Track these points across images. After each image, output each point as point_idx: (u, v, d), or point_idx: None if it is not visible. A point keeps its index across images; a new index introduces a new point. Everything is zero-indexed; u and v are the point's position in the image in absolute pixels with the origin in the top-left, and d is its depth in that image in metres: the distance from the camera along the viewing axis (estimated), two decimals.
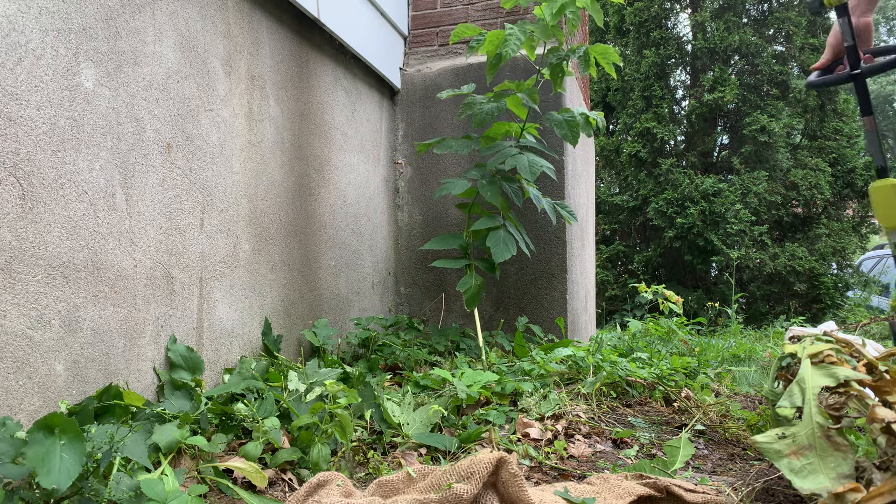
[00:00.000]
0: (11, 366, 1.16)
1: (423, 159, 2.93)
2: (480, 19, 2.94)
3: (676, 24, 8.70)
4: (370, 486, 1.16)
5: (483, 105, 2.26)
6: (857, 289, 7.83)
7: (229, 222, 1.78)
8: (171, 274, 1.56)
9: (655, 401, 2.06)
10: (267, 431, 1.38)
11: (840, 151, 7.81)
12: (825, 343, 1.43)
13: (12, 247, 1.17)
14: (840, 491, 1.07)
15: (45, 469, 0.93)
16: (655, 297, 4.15)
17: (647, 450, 1.63)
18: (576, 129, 2.24)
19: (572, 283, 2.87)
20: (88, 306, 1.32)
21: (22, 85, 1.19)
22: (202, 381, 1.55)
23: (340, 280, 2.41)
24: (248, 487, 1.28)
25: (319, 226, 2.26)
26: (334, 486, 1.15)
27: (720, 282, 7.63)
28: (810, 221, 7.82)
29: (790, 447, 1.19)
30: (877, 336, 4.03)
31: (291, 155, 2.10)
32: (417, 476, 1.17)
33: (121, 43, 1.43)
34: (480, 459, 1.13)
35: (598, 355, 2.19)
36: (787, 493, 1.33)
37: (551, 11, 2.08)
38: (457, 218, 2.88)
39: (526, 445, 1.54)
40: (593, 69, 2.25)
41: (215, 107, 1.74)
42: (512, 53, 2.09)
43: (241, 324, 1.82)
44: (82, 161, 1.32)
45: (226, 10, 1.79)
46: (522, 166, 2.17)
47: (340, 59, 2.47)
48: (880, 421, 1.10)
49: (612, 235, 8.66)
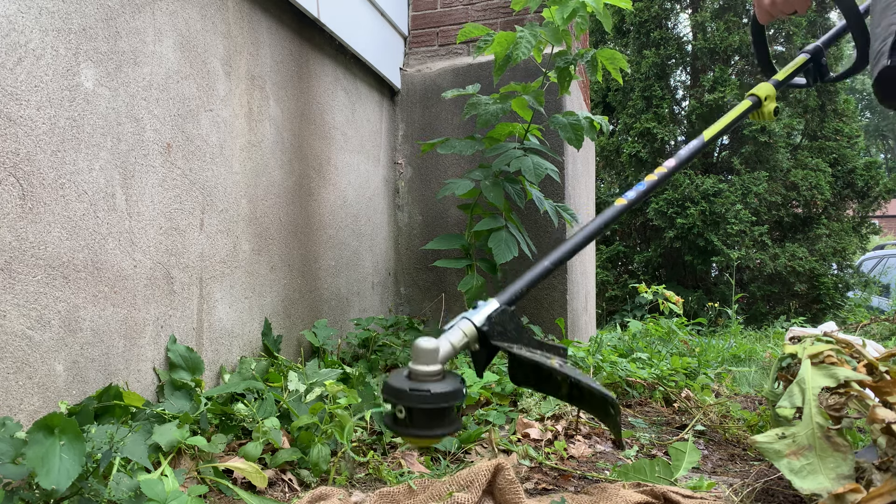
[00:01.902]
0: (11, 366, 1.16)
1: (424, 160, 2.93)
2: (481, 19, 2.94)
3: (676, 24, 8.69)
4: (371, 497, 1.17)
5: (488, 106, 2.26)
6: (857, 289, 7.83)
7: (229, 222, 1.78)
8: (170, 274, 1.56)
9: (656, 401, 2.06)
10: (267, 432, 1.38)
11: (840, 152, 7.80)
12: (825, 344, 1.43)
13: (12, 247, 1.17)
14: (840, 491, 1.07)
15: (45, 469, 0.93)
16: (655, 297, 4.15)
17: (647, 450, 1.63)
18: (580, 132, 2.24)
19: (572, 283, 2.87)
20: (88, 306, 1.32)
21: (22, 85, 1.19)
22: (202, 381, 1.55)
23: (340, 280, 2.41)
24: (248, 488, 1.28)
25: (319, 226, 2.26)
26: (336, 501, 1.16)
27: (720, 282, 7.63)
28: (810, 222, 7.82)
29: (790, 447, 1.19)
30: (877, 336, 4.03)
31: (291, 155, 2.10)
32: (418, 488, 1.18)
33: (121, 43, 1.43)
34: (479, 468, 1.14)
35: (598, 355, 2.19)
36: (787, 494, 1.32)
37: (562, 16, 2.08)
38: (457, 218, 2.88)
39: (526, 446, 1.54)
40: (600, 74, 2.24)
41: (215, 107, 1.74)
42: (523, 56, 2.08)
43: (241, 324, 1.82)
44: (82, 161, 1.32)
45: (226, 10, 1.79)
46: (527, 168, 2.18)
47: (340, 60, 2.47)
48: (880, 421, 1.10)
49: (613, 236, 8.65)
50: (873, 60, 1.17)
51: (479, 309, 1.17)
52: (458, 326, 1.15)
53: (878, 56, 1.15)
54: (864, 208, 8.05)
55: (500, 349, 1.16)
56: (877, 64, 1.15)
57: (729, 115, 1.58)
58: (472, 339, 1.14)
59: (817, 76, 1.66)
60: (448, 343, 1.11)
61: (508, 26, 2.88)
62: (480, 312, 1.16)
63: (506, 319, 1.17)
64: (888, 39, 1.11)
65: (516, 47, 2.11)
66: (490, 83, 2.80)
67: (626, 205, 1.39)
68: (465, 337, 1.13)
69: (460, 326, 1.15)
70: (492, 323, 1.15)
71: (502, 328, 1.16)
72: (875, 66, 1.16)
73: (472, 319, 1.15)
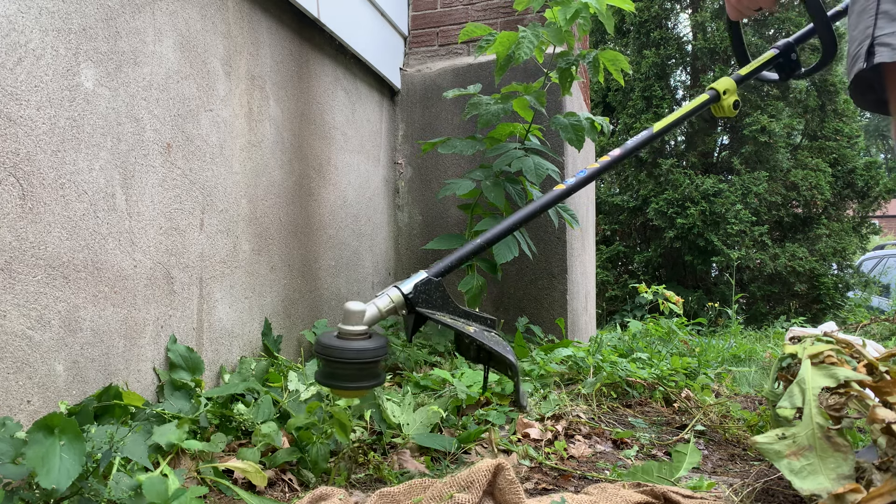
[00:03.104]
0: (11, 366, 1.16)
1: (424, 160, 2.93)
2: (481, 19, 2.94)
3: (676, 24, 8.69)
4: (372, 497, 1.17)
5: (490, 106, 2.26)
6: (857, 289, 7.83)
7: (229, 222, 1.78)
8: (171, 274, 1.56)
9: (656, 401, 2.06)
10: (267, 434, 1.38)
11: (840, 152, 7.80)
12: (825, 344, 1.43)
13: (12, 247, 1.17)
14: (840, 492, 1.07)
15: (45, 469, 0.93)
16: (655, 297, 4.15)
17: (648, 450, 1.63)
18: (581, 133, 2.24)
19: (573, 283, 2.87)
20: (88, 306, 1.32)
21: (22, 85, 1.19)
22: (202, 381, 1.55)
23: (340, 280, 2.41)
24: (248, 488, 1.28)
25: (319, 226, 2.26)
26: (336, 500, 1.16)
27: (720, 282, 7.63)
28: (810, 222, 7.82)
29: (790, 448, 1.19)
30: (877, 336, 4.03)
31: (291, 155, 2.10)
32: (418, 488, 1.18)
33: (121, 43, 1.43)
34: (479, 468, 1.14)
35: (598, 356, 2.19)
36: (787, 494, 1.32)
37: (565, 17, 2.08)
38: (457, 218, 2.88)
39: (526, 446, 1.54)
40: (601, 75, 2.24)
41: (215, 107, 1.74)
42: (525, 56, 2.08)
43: (241, 324, 1.82)
44: (82, 161, 1.32)
45: (226, 10, 1.79)
46: (528, 169, 2.18)
47: (340, 60, 2.47)
48: (881, 421, 1.10)
49: (613, 236, 8.65)
50: (850, 63, 1.22)
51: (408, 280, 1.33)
52: (386, 293, 1.30)
53: (854, 59, 1.20)
54: (864, 208, 8.05)
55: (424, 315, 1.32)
56: (853, 67, 1.20)
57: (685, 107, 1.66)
58: (398, 304, 1.30)
59: (789, 71, 1.72)
60: (374, 307, 1.28)
61: (508, 26, 2.88)
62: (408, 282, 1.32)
63: (431, 289, 1.32)
64: (864, 43, 1.16)
65: (518, 47, 2.11)
66: (490, 83, 2.80)
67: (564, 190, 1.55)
68: (391, 302, 1.29)
69: (388, 293, 1.30)
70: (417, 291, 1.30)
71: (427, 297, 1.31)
72: (851, 68, 1.21)
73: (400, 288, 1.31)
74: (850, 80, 1.23)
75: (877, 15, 1.15)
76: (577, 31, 2.27)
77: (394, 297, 1.30)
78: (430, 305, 1.34)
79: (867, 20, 1.17)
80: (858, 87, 1.24)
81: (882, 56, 1.13)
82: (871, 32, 1.15)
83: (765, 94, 7.88)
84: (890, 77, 1.18)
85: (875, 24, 1.15)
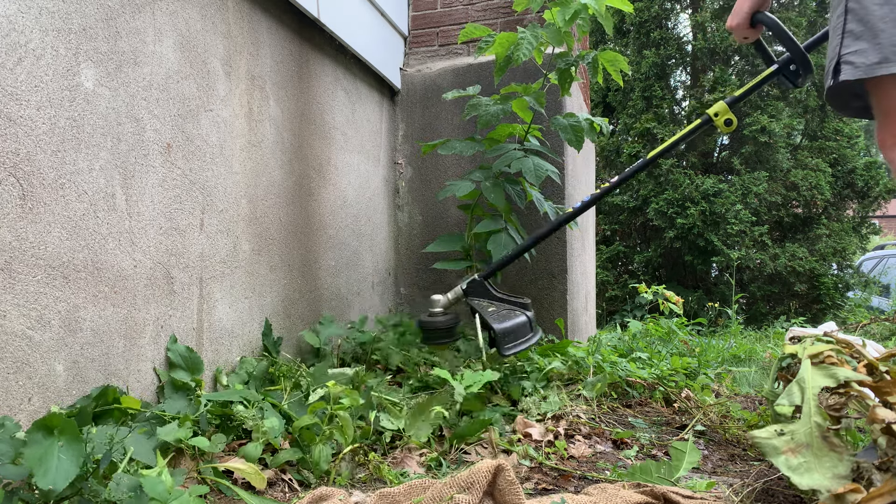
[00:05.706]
0: (11, 366, 1.16)
1: (424, 160, 2.93)
2: (481, 19, 2.94)
3: (676, 24, 8.69)
4: (372, 497, 1.17)
5: (489, 107, 2.26)
6: (857, 289, 7.82)
7: (229, 222, 1.78)
8: (171, 274, 1.56)
9: (656, 401, 2.06)
10: (266, 432, 1.38)
11: (840, 152, 7.80)
12: (825, 344, 1.43)
13: (12, 247, 1.17)
14: (841, 492, 1.07)
15: (43, 469, 0.93)
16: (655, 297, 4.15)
17: (648, 450, 1.63)
18: (580, 134, 2.24)
19: (572, 283, 2.87)
20: (88, 306, 1.32)
21: (22, 85, 1.19)
22: (202, 381, 1.55)
23: (340, 280, 2.41)
24: (249, 488, 1.28)
25: (319, 226, 2.26)
26: (336, 501, 1.16)
27: (720, 282, 7.63)
28: (810, 222, 7.81)
29: (788, 444, 1.19)
30: (877, 336, 4.03)
31: (291, 155, 2.10)
32: (419, 489, 1.18)
33: (121, 43, 1.43)
34: (479, 469, 1.14)
35: (598, 356, 2.19)
36: (787, 494, 1.32)
37: (564, 18, 2.08)
38: (457, 218, 2.88)
39: (526, 446, 1.54)
40: (601, 76, 2.24)
41: (215, 107, 1.74)
42: (524, 57, 2.08)
43: (241, 324, 1.82)
44: (82, 161, 1.32)
45: (226, 10, 1.79)
46: (528, 170, 2.18)
47: (340, 60, 2.47)
48: (881, 421, 1.10)
49: (613, 236, 8.65)
50: (825, 77, 1.29)
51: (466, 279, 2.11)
52: (456, 287, 2.12)
53: (826, 75, 1.27)
54: (864, 208, 8.05)
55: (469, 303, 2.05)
56: (825, 81, 1.28)
57: (678, 133, 1.97)
58: (460, 295, 2.10)
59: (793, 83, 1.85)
60: (446, 297, 2.14)
61: (508, 26, 2.88)
62: (465, 281, 2.10)
63: (476, 285, 2.07)
64: (832, 61, 1.24)
65: (517, 48, 2.11)
66: (490, 83, 2.80)
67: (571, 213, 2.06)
68: (458, 293, 2.11)
69: (456, 288, 2.12)
70: (468, 286, 2.08)
71: (474, 290, 2.07)
72: (825, 82, 1.28)
73: (461, 285, 2.09)
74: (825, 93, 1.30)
75: (843, 34, 1.22)
76: (577, 32, 2.26)
77: (458, 290, 2.10)
78: (475, 295, 2.06)
79: (836, 38, 1.23)
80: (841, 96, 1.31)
81: (846, 74, 1.20)
82: (838, 51, 1.22)
83: (765, 95, 7.88)
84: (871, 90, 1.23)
85: (841, 43, 1.21)
